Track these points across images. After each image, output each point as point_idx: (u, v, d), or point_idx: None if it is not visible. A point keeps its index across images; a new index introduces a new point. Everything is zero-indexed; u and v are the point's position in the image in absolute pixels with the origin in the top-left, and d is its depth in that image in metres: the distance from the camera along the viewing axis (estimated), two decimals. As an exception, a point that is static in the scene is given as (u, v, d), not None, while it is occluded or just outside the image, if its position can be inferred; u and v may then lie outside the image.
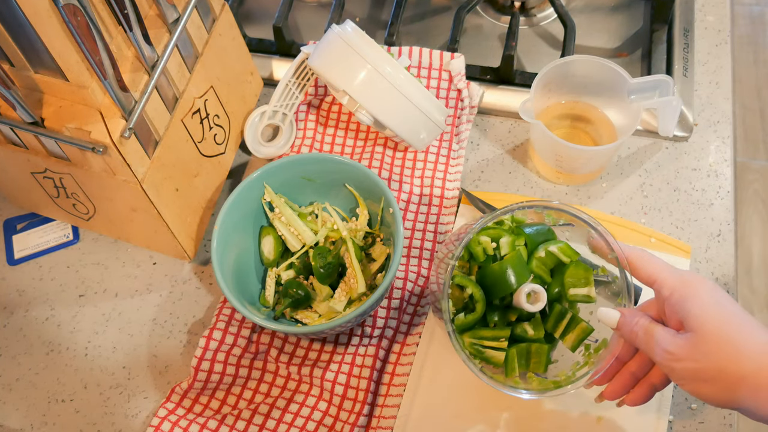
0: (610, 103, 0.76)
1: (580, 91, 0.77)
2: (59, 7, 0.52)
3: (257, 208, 0.72)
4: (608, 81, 0.73)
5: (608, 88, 0.74)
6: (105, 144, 0.61)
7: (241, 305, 0.64)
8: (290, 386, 0.69)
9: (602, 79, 0.74)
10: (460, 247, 0.59)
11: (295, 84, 0.81)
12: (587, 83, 0.75)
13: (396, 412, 0.67)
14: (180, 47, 0.68)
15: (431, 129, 0.74)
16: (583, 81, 0.75)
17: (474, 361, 0.59)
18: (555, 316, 0.62)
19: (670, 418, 0.65)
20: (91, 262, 0.78)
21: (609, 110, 0.77)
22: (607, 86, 0.74)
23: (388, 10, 0.94)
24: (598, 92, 0.76)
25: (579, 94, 0.77)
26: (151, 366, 0.72)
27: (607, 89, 0.74)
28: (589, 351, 0.62)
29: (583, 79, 0.75)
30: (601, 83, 0.74)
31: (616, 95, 0.74)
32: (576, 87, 0.76)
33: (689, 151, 0.78)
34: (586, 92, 0.77)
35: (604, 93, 0.75)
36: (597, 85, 0.75)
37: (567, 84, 0.76)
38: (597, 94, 0.76)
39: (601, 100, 0.77)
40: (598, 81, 0.74)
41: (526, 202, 0.60)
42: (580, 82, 0.75)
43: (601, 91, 0.75)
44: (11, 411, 0.71)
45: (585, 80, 0.75)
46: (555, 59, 0.73)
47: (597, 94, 0.76)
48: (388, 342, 0.70)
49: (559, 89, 0.76)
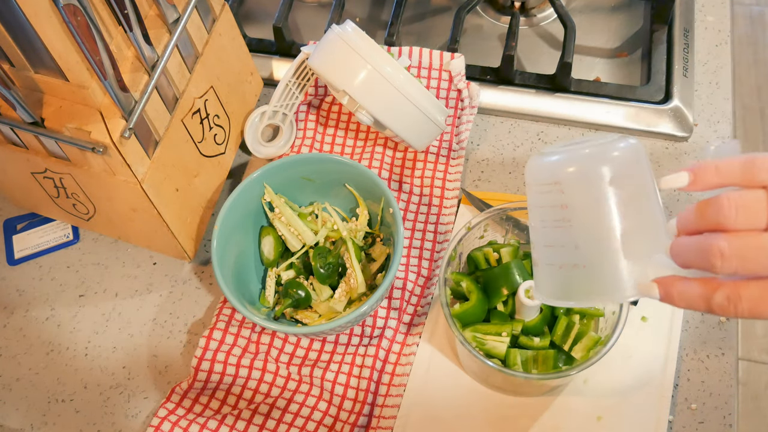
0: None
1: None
2: (59, 7, 0.52)
3: (257, 208, 0.72)
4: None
5: None
6: (105, 144, 0.61)
7: (241, 305, 0.64)
8: (290, 386, 0.69)
9: None
10: (454, 242, 0.63)
11: (295, 84, 0.81)
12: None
13: (396, 412, 0.67)
14: (180, 47, 0.68)
15: (431, 129, 0.74)
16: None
17: (471, 344, 0.60)
18: (562, 328, 0.62)
19: (670, 418, 0.65)
20: (91, 262, 0.78)
21: None
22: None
23: (388, 10, 0.94)
24: None
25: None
26: (151, 366, 0.72)
27: None
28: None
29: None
30: None
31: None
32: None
33: (689, 151, 0.78)
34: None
35: None
36: None
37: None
38: None
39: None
40: None
41: (522, 202, 0.61)
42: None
43: None
44: (11, 411, 0.71)
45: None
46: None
47: None
48: (388, 342, 0.70)
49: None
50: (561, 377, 0.60)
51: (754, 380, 1.55)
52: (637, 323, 0.68)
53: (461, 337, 0.60)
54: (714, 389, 0.66)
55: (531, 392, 0.66)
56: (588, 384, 0.66)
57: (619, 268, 0.45)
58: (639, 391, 0.65)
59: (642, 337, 0.68)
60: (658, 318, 0.68)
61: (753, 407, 1.52)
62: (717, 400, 0.66)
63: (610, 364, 0.66)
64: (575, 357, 0.61)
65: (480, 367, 0.65)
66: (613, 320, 0.60)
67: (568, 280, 0.46)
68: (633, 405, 0.65)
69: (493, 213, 0.66)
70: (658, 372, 0.66)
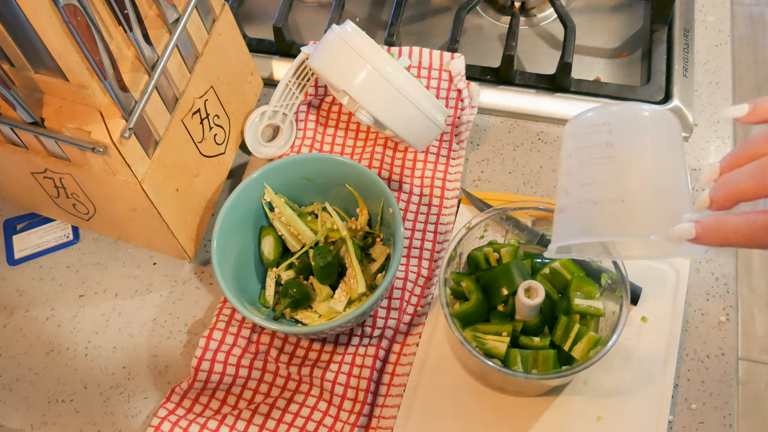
0: None
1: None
2: (59, 7, 0.52)
3: (257, 208, 0.72)
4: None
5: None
6: (105, 144, 0.61)
7: (241, 305, 0.64)
8: (290, 386, 0.69)
9: None
10: (454, 242, 0.63)
11: (295, 84, 0.81)
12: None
13: (396, 412, 0.67)
14: (180, 47, 0.68)
15: (431, 129, 0.74)
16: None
17: (471, 344, 0.60)
18: (562, 328, 0.62)
19: (670, 418, 0.65)
20: (91, 262, 0.78)
21: None
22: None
23: (388, 10, 0.94)
24: None
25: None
26: (151, 366, 0.72)
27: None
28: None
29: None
30: None
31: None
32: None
33: (689, 151, 0.78)
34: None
35: None
36: None
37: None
38: None
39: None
40: None
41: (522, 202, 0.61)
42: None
43: None
44: (11, 411, 0.71)
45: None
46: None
47: None
48: (388, 342, 0.70)
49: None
50: (561, 377, 0.60)
51: (754, 380, 1.55)
52: (637, 323, 0.68)
53: (461, 337, 0.60)
54: (714, 389, 0.66)
55: (531, 392, 0.66)
56: (588, 384, 0.66)
57: (658, 205, 0.46)
58: (639, 391, 0.65)
59: (642, 337, 0.68)
60: (658, 318, 0.68)
61: (753, 407, 1.52)
62: (717, 400, 0.66)
63: (610, 364, 0.66)
64: (575, 357, 0.61)
65: (480, 367, 0.65)
66: (613, 320, 0.60)
67: (601, 215, 0.47)
68: (633, 405, 0.65)
69: (493, 213, 0.66)
70: (658, 372, 0.66)
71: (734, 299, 0.70)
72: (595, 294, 0.62)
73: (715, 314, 0.70)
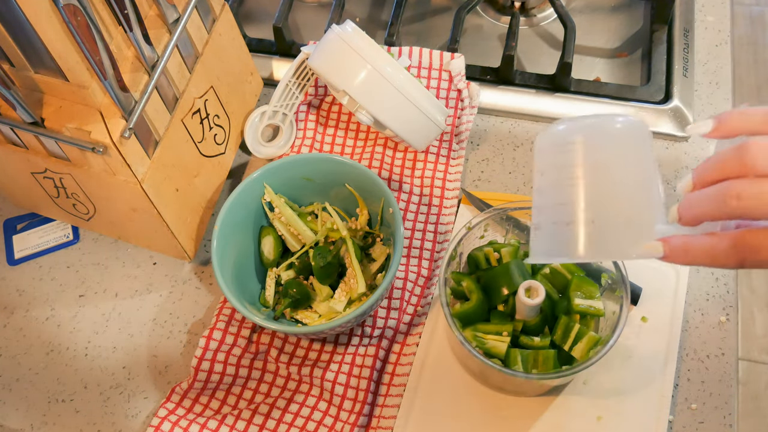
0: None
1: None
2: (59, 7, 0.52)
3: (257, 208, 0.72)
4: None
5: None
6: (105, 144, 0.61)
7: (241, 305, 0.64)
8: (290, 386, 0.69)
9: None
10: (454, 242, 0.64)
11: (295, 84, 0.81)
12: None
13: (396, 412, 0.67)
14: (180, 47, 0.68)
15: (431, 129, 0.74)
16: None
17: (471, 344, 0.60)
18: (562, 328, 0.62)
19: (670, 418, 0.65)
20: (91, 262, 0.78)
21: None
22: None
23: (388, 10, 0.94)
24: None
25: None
26: (151, 366, 0.72)
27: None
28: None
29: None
30: None
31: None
32: None
33: (689, 151, 0.78)
34: None
35: None
36: None
37: None
38: None
39: None
40: None
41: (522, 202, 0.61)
42: None
43: None
44: (11, 411, 0.71)
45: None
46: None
47: None
48: (388, 342, 0.70)
49: None
50: (561, 377, 0.60)
51: (754, 380, 1.55)
52: (637, 323, 0.68)
53: (461, 337, 0.60)
54: (714, 389, 0.66)
55: (531, 392, 0.66)
56: (588, 384, 0.66)
57: (629, 224, 0.47)
58: (639, 391, 0.65)
59: (642, 337, 0.68)
60: (658, 318, 0.68)
61: (753, 407, 1.52)
62: (717, 400, 0.66)
63: (610, 364, 0.66)
64: (575, 357, 0.61)
65: (480, 367, 0.65)
66: (613, 320, 0.60)
67: (575, 236, 0.48)
68: (633, 405, 0.65)
69: (493, 213, 0.66)
70: (658, 372, 0.66)
71: (734, 299, 0.70)
72: (595, 294, 0.62)
73: (715, 314, 0.70)
